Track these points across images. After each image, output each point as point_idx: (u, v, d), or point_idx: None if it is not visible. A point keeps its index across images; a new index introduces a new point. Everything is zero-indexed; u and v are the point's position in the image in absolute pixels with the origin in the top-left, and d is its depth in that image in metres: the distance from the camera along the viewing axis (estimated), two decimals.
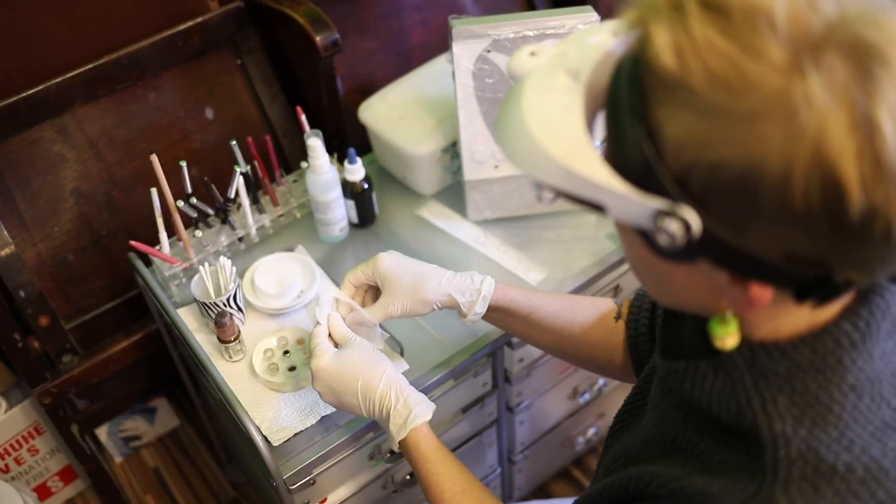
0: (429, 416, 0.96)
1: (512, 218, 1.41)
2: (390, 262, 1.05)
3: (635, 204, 0.55)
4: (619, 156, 0.57)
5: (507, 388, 1.40)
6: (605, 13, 1.05)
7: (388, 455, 1.24)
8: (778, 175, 0.50)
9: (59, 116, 1.39)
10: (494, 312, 1.07)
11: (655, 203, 0.54)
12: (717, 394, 0.66)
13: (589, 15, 1.24)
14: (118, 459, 1.91)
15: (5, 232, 1.33)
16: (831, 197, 0.50)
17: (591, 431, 1.68)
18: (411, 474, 1.31)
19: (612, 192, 0.55)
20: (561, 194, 0.59)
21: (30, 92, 1.33)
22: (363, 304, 1.08)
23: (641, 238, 0.60)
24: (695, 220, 0.54)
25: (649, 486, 0.69)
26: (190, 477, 1.88)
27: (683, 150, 0.53)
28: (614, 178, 0.55)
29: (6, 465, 1.68)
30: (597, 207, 0.57)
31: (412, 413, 0.95)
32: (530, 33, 1.25)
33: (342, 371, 0.98)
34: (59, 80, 1.35)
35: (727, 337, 0.63)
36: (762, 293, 0.57)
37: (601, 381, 1.56)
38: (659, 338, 0.79)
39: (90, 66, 1.37)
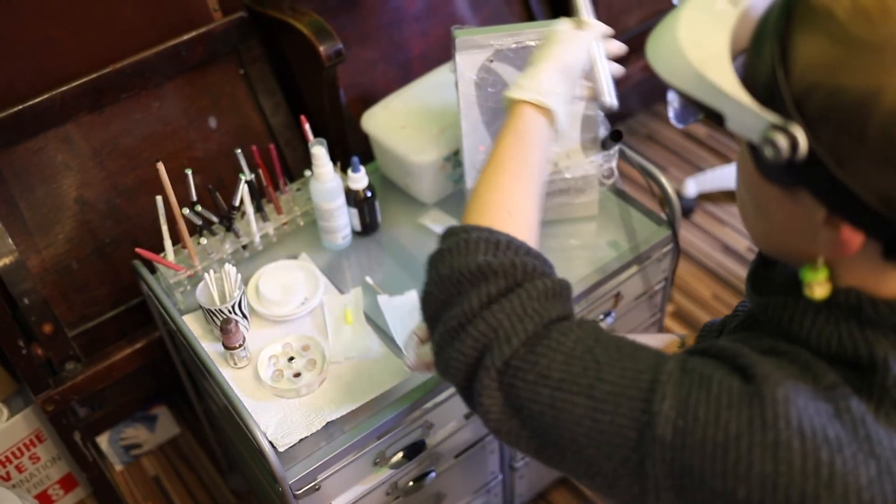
0: (556, 109, 0.90)
1: None
2: None
3: (752, 115, 0.59)
4: (750, 70, 0.61)
5: None
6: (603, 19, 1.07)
7: (393, 461, 1.25)
8: (889, 110, 0.52)
9: (63, 125, 1.40)
10: None
11: (770, 117, 0.58)
12: (817, 329, 0.66)
13: None
14: (118, 467, 1.91)
15: (9, 239, 1.34)
16: None
17: None
18: (414, 480, 1.32)
19: (735, 101, 0.59)
20: (689, 101, 0.63)
21: (34, 101, 1.34)
22: None
23: (752, 155, 0.63)
24: (803, 139, 0.56)
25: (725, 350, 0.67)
26: (190, 485, 1.88)
27: (809, 72, 0.56)
28: (740, 89, 0.59)
29: (7, 473, 1.68)
30: (717, 117, 0.61)
31: (546, 98, 0.90)
32: (532, 43, 1.27)
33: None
34: (63, 89, 1.36)
35: (816, 284, 0.64)
36: (853, 238, 0.59)
37: None
38: (749, 282, 0.77)
39: (94, 75, 1.38)
